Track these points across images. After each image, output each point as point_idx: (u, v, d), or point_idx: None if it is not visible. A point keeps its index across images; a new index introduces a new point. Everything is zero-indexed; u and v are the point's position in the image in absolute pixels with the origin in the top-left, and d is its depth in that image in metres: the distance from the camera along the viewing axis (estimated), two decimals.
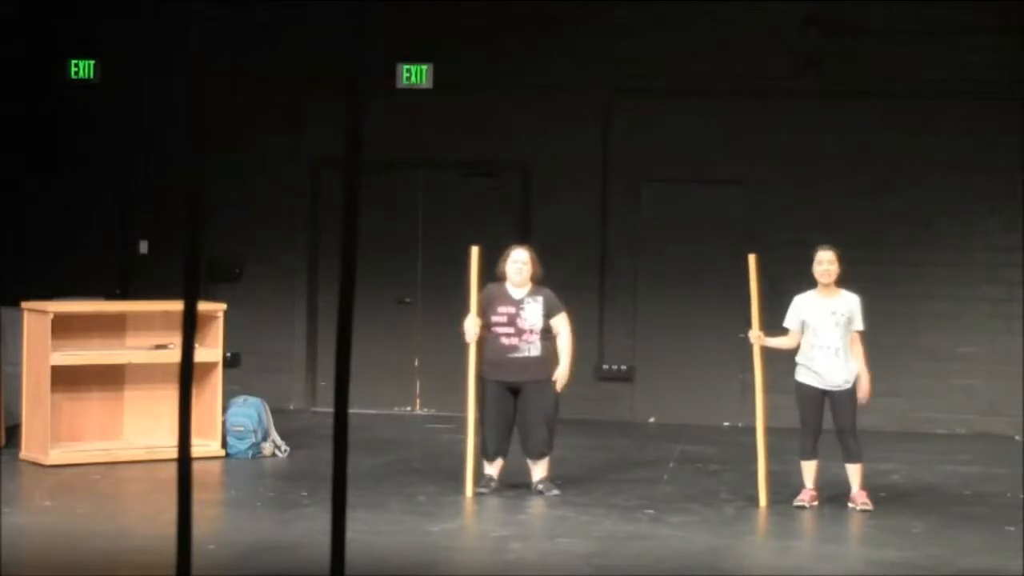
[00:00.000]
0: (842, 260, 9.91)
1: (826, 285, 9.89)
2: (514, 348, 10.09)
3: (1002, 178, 13.49)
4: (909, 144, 13.57)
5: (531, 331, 10.11)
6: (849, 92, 13.55)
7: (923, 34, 13.49)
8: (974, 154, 13.52)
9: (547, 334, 10.18)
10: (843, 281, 9.94)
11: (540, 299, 10.18)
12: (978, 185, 13.55)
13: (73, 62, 14.20)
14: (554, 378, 10.11)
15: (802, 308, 9.91)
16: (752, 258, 9.99)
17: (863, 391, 9.82)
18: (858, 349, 9.86)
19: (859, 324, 9.89)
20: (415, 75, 13.85)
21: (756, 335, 9.97)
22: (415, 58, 13.84)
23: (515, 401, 10.15)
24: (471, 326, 10.09)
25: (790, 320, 9.95)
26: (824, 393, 9.84)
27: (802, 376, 9.90)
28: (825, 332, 9.81)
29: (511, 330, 10.10)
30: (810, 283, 10.04)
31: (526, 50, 13.94)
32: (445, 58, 13.87)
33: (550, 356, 10.16)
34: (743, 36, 13.69)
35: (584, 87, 13.88)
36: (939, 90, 13.44)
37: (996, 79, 13.34)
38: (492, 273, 10.27)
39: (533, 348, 10.11)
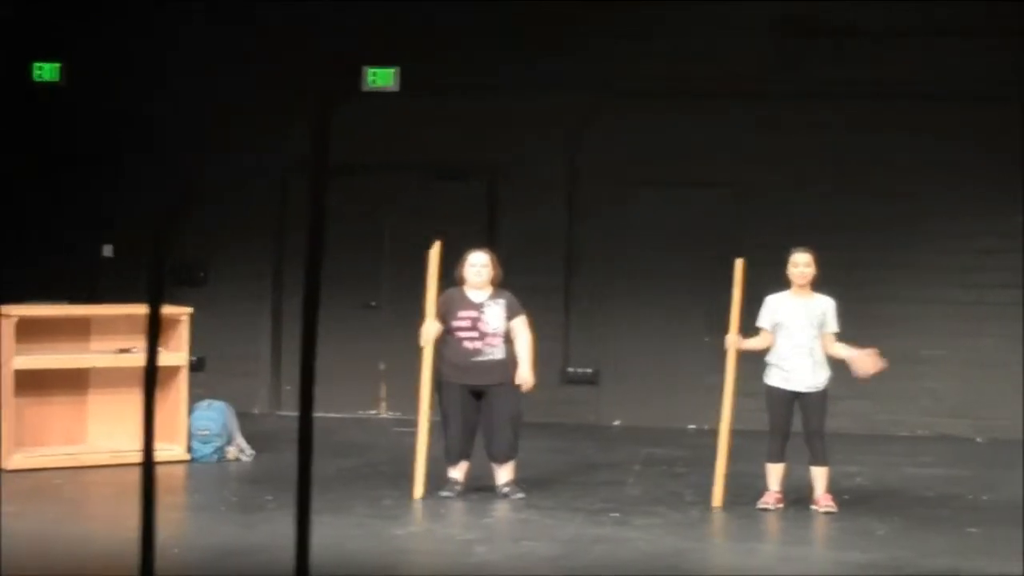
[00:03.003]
0: (818, 263, 9.95)
1: (801, 287, 9.92)
2: (477, 352, 10.10)
3: (969, 182, 13.56)
4: (877, 147, 13.63)
5: (494, 334, 10.11)
6: (822, 94, 13.57)
7: (902, 35, 13.51)
8: (943, 158, 13.58)
9: (509, 336, 10.19)
10: (813, 284, 9.97)
11: (502, 302, 10.19)
12: (945, 189, 13.61)
13: (37, 65, 14.13)
14: (517, 383, 10.11)
15: (775, 308, 9.93)
16: (739, 263, 10.00)
17: (866, 362, 9.87)
18: (835, 348, 9.90)
19: (833, 326, 9.93)
20: (381, 78, 13.84)
21: (733, 339, 9.97)
22: (381, 61, 13.82)
23: (478, 404, 10.16)
24: (431, 330, 10.09)
25: (763, 320, 9.97)
26: (794, 396, 9.87)
27: (772, 379, 9.93)
28: (799, 332, 9.84)
29: (474, 334, 10.10)
30: (783, 285, 10.07)
31: (494, 52, 13.94)
32: (412, 60, 13.86)
33: (513, 359, 10.17)
34: (716, 37, 13.70)
35: (552, 90, 13.88)
36: (912, 92, 13.47)
37: (973, 81, 13.38)
38: (452, 273, 10.26)
39: (496, 351, 10.12)
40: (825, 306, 9.93)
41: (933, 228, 13.70)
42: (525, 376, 10.13)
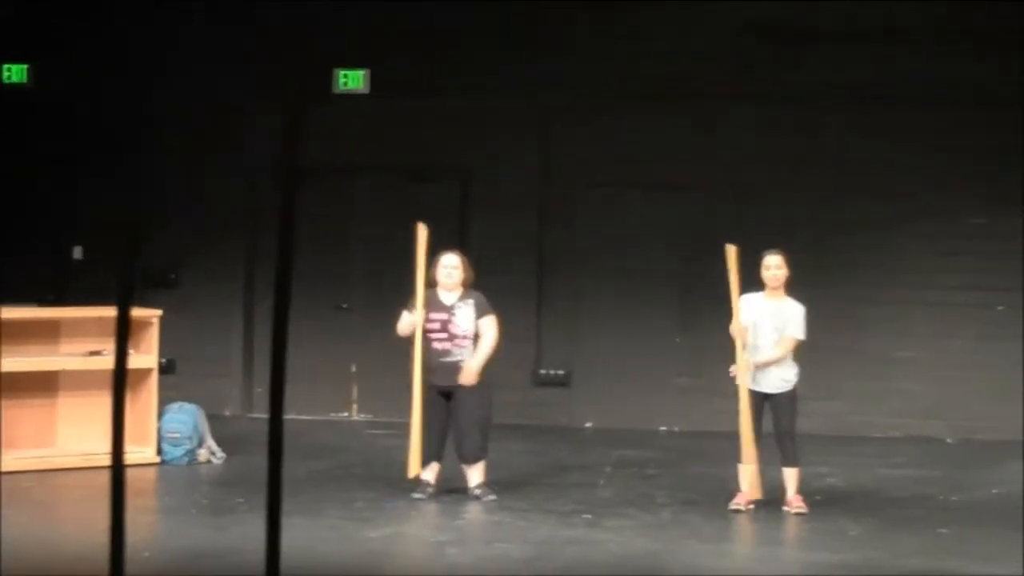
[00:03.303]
0: (789, 264, 9.97)
1: (774, 289, 9.94)
2: (447, 353, 10.10)
3: (938, 183, 13.61)
4: (848, 149, 13.66)
5: (464, 336, 10.12)
6: (789, 98, 13.61)
7: (867, 39, 13.55)
8: (911, 158, 13.63)
9: (476, 338, 10.17)
10: (786, 286, 9.98)
11: (471, 302, 10.19)
12: (914, 190, 13.67)
13: (6, 67, 14.06)
14: (463, 372, 10.07)
15: (748, 307, 9.95)
16: (731, 249, 9.93)
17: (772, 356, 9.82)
18: (784, 350, 9.86)
19: (796, 331, 9.92)
20: (352, 80, 13.81)
21: (738, 327, 9.94)
22: (352, 63, 13.80)
23: (449, 406, 10.15)
24: (413, 317, 10.08)
25: (743, 318, 9.97)
26: (764, 398, 9.89)
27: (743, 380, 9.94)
28: (763, 334, 9.86)
29: (444, 335, 10.10)
30: (751, 287, 10.08)
31: (464, 54, 13.93)
32: (382, 63, 13.84)
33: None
34: (685, 41, 13.72)
35: (523, 91, 13.88)
36: (875, 95, 13.53)
37: (931, 84, 13.45)
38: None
39: (465, 353, 10.11)
40: (793, 311, 9.94)
41: (902, 230, 13.74)
42: (471, 367, 10.07)
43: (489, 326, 10.21)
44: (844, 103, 13.58)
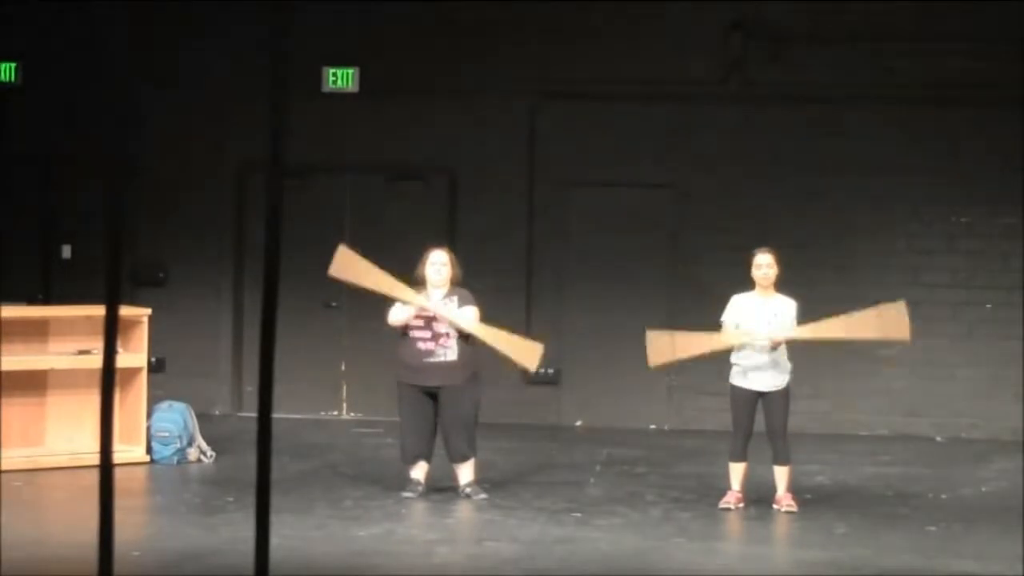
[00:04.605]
0: (780, 263, 9.98)
1: (765, 287, 9.95)
2: (430, 353, 10.07)
3: (923, 180, 13.65)
4: (831, 147, 13.69)
5: (447, 335, 10.08)
6: (773, 96, 13.65)
7: (845, 39, 13.61)
8: (896, 157, 13.66)
9: (463, 337, 10.13)
10: (776, 284, 10.00)
11: (455, 299, 10.16)
12: (899, 187, 13.70)
13: None
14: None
15: (739, 307, 9.96)
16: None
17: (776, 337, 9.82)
18: (791, 336, 9.90)
19: (794, 325, 9.94)
20: (341, 79, 13.81)
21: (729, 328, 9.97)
22: (341, 61, 13.80)
23: (435, 405, 10.14)
24: (409, 309, 10.08)
25: (726, 316, 9.99)
26: (757, 396, 9.89)
27: (736, 379, 9.95)
28: (759, 333, 9.86)
29: (427, 334, 10.08)
30: (736, 285, 10.09)
31: (452, 54, 13.94)
32: (372, 62, 13.84)
33: (467, 360, 10.14)
34: (669, 40, 13.76)
35: (510, 91, 13.90)
36: (860, 94, 13.58)
37: (914, 83, 13.49)
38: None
39: (449, 352, 10.08)
40: (787, 307, 9.95)
41: (887, 229, 13.76)
42: (450, 311, 10.03)
43: (471, 311, 10.15)
44: (830, 102, 13.61)
